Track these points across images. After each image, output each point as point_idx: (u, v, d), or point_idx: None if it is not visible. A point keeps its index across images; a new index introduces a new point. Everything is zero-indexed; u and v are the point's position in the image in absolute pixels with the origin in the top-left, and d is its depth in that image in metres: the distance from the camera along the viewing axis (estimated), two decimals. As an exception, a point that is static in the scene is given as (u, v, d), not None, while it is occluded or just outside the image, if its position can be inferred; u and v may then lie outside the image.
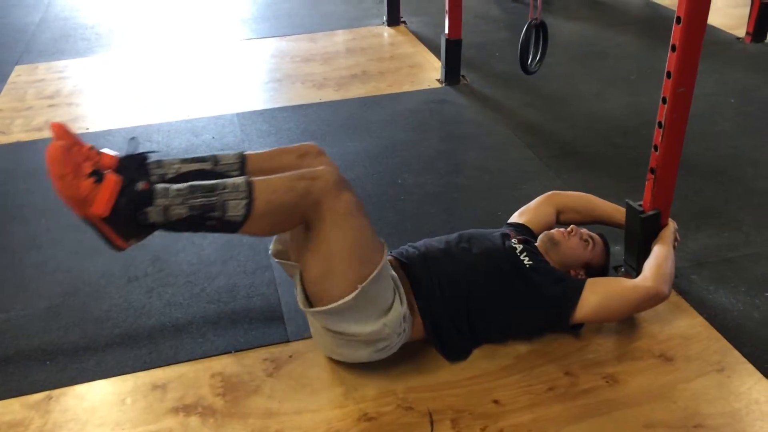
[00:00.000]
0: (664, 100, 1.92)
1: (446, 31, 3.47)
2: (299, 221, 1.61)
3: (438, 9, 3.60)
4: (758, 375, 1.76)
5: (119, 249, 1.57)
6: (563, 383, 1.76)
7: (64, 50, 4.21)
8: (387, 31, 4.36)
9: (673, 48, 1.85)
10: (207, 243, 2.38)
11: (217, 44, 4.25)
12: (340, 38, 4.29)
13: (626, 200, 2.08)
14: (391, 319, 1.66)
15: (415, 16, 4.49)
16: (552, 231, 2.01)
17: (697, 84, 1.89)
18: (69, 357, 1.91)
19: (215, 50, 4.16)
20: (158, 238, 2.38)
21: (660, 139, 1.95)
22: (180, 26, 4.55)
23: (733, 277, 2.13)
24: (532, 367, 1.81)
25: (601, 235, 2.04)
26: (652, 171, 2.00)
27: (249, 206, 1.52)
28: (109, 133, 3.18)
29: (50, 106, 3.48)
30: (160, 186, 1.55)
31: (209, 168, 1.69)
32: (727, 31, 4.03)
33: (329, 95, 3.50)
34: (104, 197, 1.48)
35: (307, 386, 1.78)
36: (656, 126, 1.94)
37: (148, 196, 1.52)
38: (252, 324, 2.00)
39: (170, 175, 1.65)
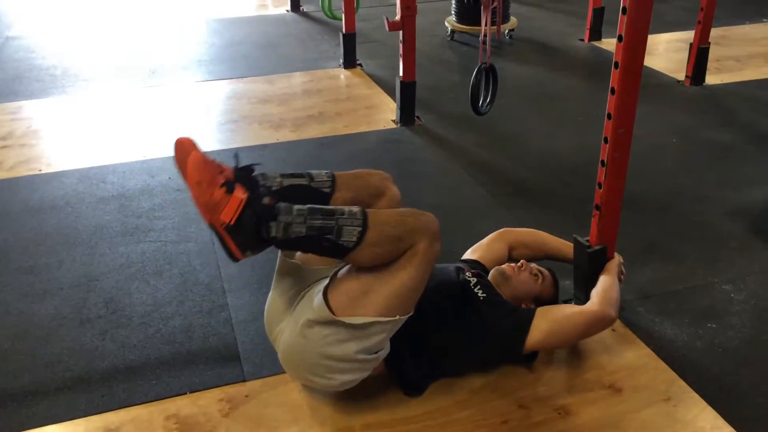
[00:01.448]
0: (605, 140, 2.01)
1: (401, 73, 3.57)
2: (397, 254, 1.65)
3: (393, 52, 3.70)
4: (703, 404, 1.82)
5: (236, 259, 1.61)
6: (517, 416, 1.79)
7: (17, 92, 4.17)
8: (343, 73, 4.45)
9: (612, 91, 1.95)
10: (162, 283, 2.37)
11: (174, 85, 4.26)
12: (297, 80, 4.35)
13: (574, 236, 2.15)
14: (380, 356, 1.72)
15: (370, 59, 4.59)
16: (503, 266, 2.07)
17: (641, 124, 1.98)
18: (18, 402, 1.86)
19: (172, 91, 4.18)
20: (111, 279, 2.38)
21: (603, 177, 2.04)
22: (137, 67, 4.56)
23: (677, 309, 2.21)
24: (486, 401, 1.84)
25: (550, 270, 2.10)
26: (597, 207, 2.08)
27: (362, 234, 1.60)
28: (63, 174, 3.15)
29: (2, 147, 3.44)
30: (283, 204, 1.61)
31: (306, 183, 1.75)
32: (668, 74, 4.23)
33: (286, 136, 3.54)
34: (233, 207, 1.55)
35: (263, 426, 1.77)
36: (599, 164, 2.03)
37: (272, 212, 1.58)
38: (208, 364, 1.99)
39: (275, 188, 1.70)
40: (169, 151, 3.27)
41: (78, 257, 2.52)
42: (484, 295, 1.90)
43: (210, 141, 3.48)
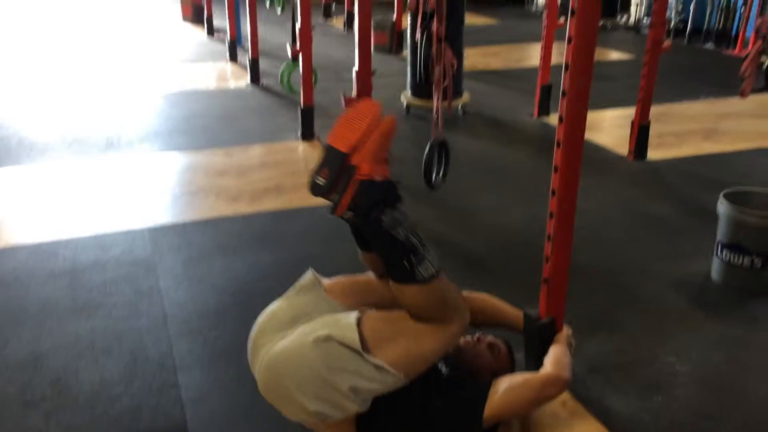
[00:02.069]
0: (551, 215, 2.09)
1: (357, 147, 3.65)
2: (433, 318, 1.78)
3: (349, 127, 3.80)
4: (651, 476, 1.85)
5: (335, 211, 1.72)
6: (469, 494, 1.78)
7: (-32, 163, 4.13)
8: (302, 146, 4.53)
9: (556, 169, 2.04)
10: (111, 362, 2.32)
11: (130, 157, 4.28)
12: (255, 152, 4.41)
13: (524, 309, 2.20)
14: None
15: (329, 131, 4.68)
16: (460, 340, 2.10)
17: (587, 198, 2.07)
18: (-48, 492, 1.78)
19: (129, 163, 4.19)
20: (58, 357, 2.32)
21: (550, 252, 2.11)
22: (94, 138, 4.57)
23: (625, 382, 2.25)
24: (439, 479, 1.83)
25: (505, 341, 2.14)
26: (545, 281, 2.14)
27: (433, 277, 1.74)
28: (13, 249, 3.10)
29: (-50, 220, 3.38)
30: (404, 209, 1.76)
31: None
32: (613, 149, 4.42)
33: (243, 208, 3.57)
34: (378, 170, 1.71)
35: None
36: (546, 239, 2.11)
37: (397, 202, 1.74)
38: (156, 446, 1.94)
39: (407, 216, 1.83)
40: (123, 225, 3.24)
41: (24, 335, 2.46)
42: (447, 369, 1.93)
43: (165, 215, 3.48)
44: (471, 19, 7.84)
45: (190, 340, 2.46)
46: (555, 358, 1.99)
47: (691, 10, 7.75)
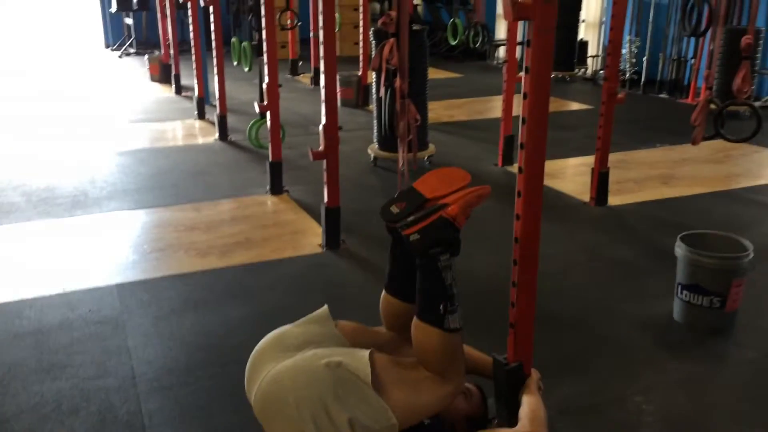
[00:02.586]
0: (515, 262, 2.15)
1: (326, 199, 3.72)
2: (437, 371, 1.85)
3: (318, 178, 3.85)
4: None
5: (407, 227, 1.87)
6: None
7: (-69, 224, 4.07)
8: (270, 200, 4.57)
9: (518, 217, 2.11)
10: (78, 423, 2.28)
11: (98, 215, 4.26)
12: (224, 207, 4.44)
13: (492, 354, 2.23)
14: None
15: (297, 185, 4.75)
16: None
17: (552, 243, 2.14)
18: None
19: (96, 221, 4.17)
20: (23, 420, 2.27)
21: (515, 297, 2.16)
22: (60, 196, 4.55)
23: (594, 424, 2.29)
24: None
25: (477, 386, 2.16)
26: (512, 326, 2.18)
27: (455, 330, 1.86)
28: (-24, 309, 3.05)
29: None
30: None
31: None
32: (575, 196, 4.55)
33: (213, 263, 3.57)
34: (461, 220, 1.92)
35: None
36: (511, 285, 2.16)
37: (457, 251, 1.95)
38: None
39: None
40: (91, 282, 3.21)
41: (-12, 398, 2.41)
42: (428, 421, 1.94)
43: (134, 271, 3.47)
44: (434, 74, 8.07)
45: (159, 397, 2.43)
46: (532, 414, 2.00)
47: (644, 63, 8.10)
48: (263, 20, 4.42)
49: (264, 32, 4.43)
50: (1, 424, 2.27)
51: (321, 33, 3.46)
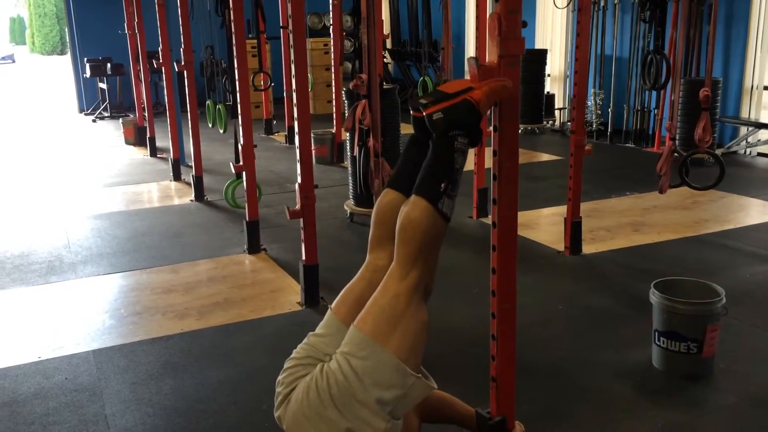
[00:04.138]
0: (493, 315, 2.18)
1: (303, 257, 3.73)
2: (410, 245, 1.84)
3: (296, 235, 3.88)
4: None
5: (431, 105, 1.85)
6: None
7: None
8: (248, 259, 4.57)
9: (494, 271, 2.15)
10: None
11: (73, 281, 4.22)
12: (202, 267, 4.42)
13: (476, 409, 2.23)
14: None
15: (274, 243, 4.76)
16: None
17: (529, 294, 2.17)
18: None
19: (71, 287, 4.12)
20: None
21: (495, 350, 2.18)
22: (33, 263, 4.50)
23: (579, 475, 2.28)
24: None
25: None
26: (493, 379, 2.20)
27: (443, 216, 1.86)
28: (-53, 382, 2.97)
29: None
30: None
31: None
32: (550, 245, 4.62)
33: (191, 325, 3.54)
34: (485, 107, 1.87)
35: None
36: (491, 338, 2.18)
37: (476, 144, 1.93)
38: None
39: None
40: (67, 350, 3.17)
41: (-41, 475, 2.34)
42: None
43: (111, 337, 3.42)
44: (407, 129, 8.18)
45: (138, 466, 2.38)
46: None
47: (610, 114, 8.36)
48: (237, 83, 4.52)
49: (238, 94, 4.51)
50: (-26, 502, 2.20)
51: (294, 93, 3.54)
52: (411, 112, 1.96)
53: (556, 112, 9.31)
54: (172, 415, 2.72)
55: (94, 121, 11.13)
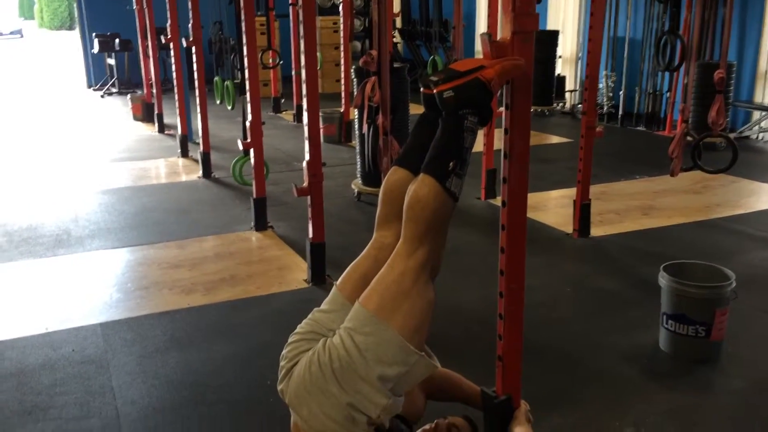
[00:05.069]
0: (501, 294, 2.16)
1: (310, 234, 3.72)
2: (418, 223, 1.83)
3: (303, 213, 3.87)
4: None
5: (442, 83, 1.81)
6: None
7: None
8: (255, 236, 4.56)
9: (502, 250, 2.13)
10: None
11: (81, 254, 4.23)
12: (209, 244, 4.42)
13: (481, 387, 2.23)
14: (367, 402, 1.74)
15: (281, 221, 4.76)
16: None
17: (537, 276, 2.15)
18: None
19: (79, 260, 4.14)
20: None
21: (502, 330, 2.17)
22: (42, 236, 4.51)
23: (585, 455, 2.28)
24: None
25: (466, 417, 2.15)
26: (500, 358, 2.18)
27: (451, 195, 1.83)
28: (-45, 352, 2.99)
29: None
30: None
31: None
32: (558, 228, 4.60)
33: (197, 300, 3.54)
34: (497, 86, 1.83)
35: None
36: (498, 317, 2.17)
37: (485, 124, 1.91)
38: None
39: None
40: (74, 322, 3.17)
41: (-33, 443, 2.36)
42: None
43: (118, 310, 3.43)
44: (416, 109, 8.14)
45: (144, 438, 2.39)
46: None
47: (621, 96, 8.27)
48: (246, 59, 4.48)
49: (247, 71, 4.48)
50: (-18, 470, 2.22)
51: (303, 72, 3.51)
52: (421, 89, 1.93)
53: (567, 95, 9.23)
54: (178, 387, 2.73)
55: (102, 96, 11.11)
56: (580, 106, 8.85)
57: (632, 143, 7.42)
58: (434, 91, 1.84)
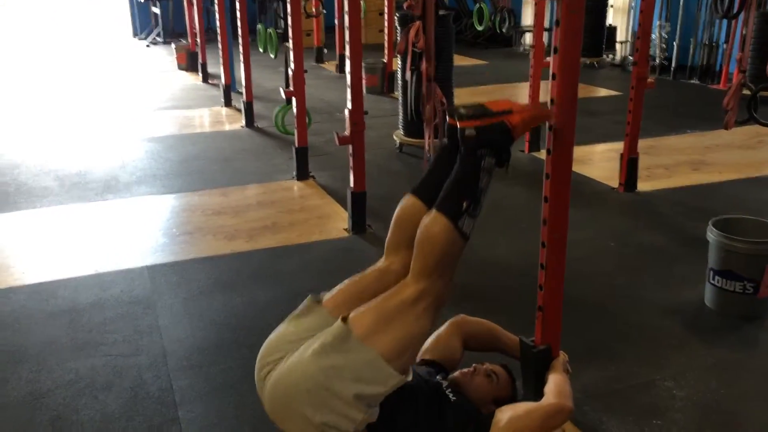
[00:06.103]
0: (543, 245, 2.13)
1: (351, 184, 3.73)
2: (428, 260, 1.84)
3: (344, 163, 3.87)
4: (652, 500, 1.86)
5: (467, 119, 1.87)
6: None
7: (-33, 208, 4.17)
8: (297, 185, 4.59)
9: (546, 199, 2.10)
10: (111, 398, 2.33)
11: (128, 199, 4.33)
12: (251, 192, 4.47)
13: (520, 337, 2.23)
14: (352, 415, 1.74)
15: (322, 171, 4.77)
16: (456, 374, 2.11)
17: (580, 229, 2.12)
18: None
19: (126, 205, 4.24)
20: (58, 395, 2.32)
21: (543, 280, 2.15)
22: (91, 182, 4.63)
23: (622, 407, 2.27)
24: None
25: (504, 366, 2.16)
26: (540, 309, 2.17)
27: (463, 235, 1.86)
28: (12, 290, 3.12)
29: (-51, 263, 3.40)
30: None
31: None
32: (603, 182, 4.50)
33: (240, 246, 3.61)
34: (519, 133, 1.92)
35: None
36: (539, 268, 2.15)
37: (503, 165, 1.95)
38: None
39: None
40: (123, 264, 3.26)
41: (24, 374, 2.47)
42: (455, 398, 1.96)
43: (164, 254, 3.51)
44: (460, 61, 8.01)
45: (190, 375, 2.47)
46: (557, 388, 2.00)
47: (675, 48, 7.96)
48: (289, 7, 4.43)
49: (290, 19, 4.44)
50: (38, 399, 2.33)
51: (346, 19, 3.45)
52: (447, 117, 1.96)
53: (617, 46, 8.92)
54: (221, 329, 2.80)
55: (147, 46, 11.19)
56: (631, 57, 8.56)
57: (684, 97, 7.16)
58: (458, 125, 1.88)
